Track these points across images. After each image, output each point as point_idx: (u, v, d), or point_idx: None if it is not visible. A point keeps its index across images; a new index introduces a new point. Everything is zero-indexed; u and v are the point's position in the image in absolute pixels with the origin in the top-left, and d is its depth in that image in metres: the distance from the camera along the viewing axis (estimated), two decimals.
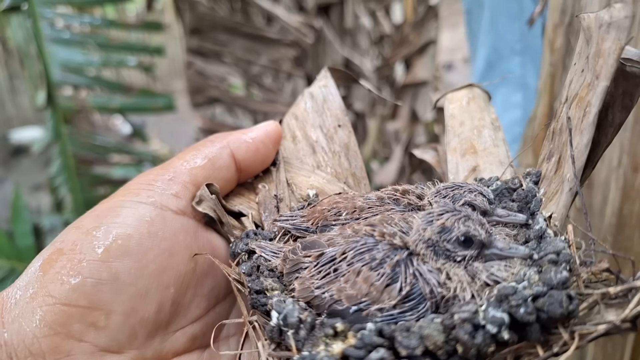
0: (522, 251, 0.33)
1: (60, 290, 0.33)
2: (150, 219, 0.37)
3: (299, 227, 0.42)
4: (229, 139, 0.45)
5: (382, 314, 0.31)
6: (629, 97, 0.38)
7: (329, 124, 0.52)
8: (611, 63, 0.36)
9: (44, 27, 1.47)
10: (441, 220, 0.33)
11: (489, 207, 0.38)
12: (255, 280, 0.37)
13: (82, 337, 0.33)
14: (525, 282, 0.30)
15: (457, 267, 0.33)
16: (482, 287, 0.32)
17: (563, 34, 0.72)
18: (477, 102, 0.52)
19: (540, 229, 0.36)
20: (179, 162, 0.42)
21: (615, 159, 0.70)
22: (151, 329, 0.36)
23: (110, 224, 0.36)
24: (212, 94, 1.61)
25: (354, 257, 0.34)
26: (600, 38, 0.37)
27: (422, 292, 0.32)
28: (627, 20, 0.37)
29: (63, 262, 0.34)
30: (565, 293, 0.29)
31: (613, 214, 0.72)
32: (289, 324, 0.31)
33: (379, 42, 2.13)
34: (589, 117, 0.36)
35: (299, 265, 0.36)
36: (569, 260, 0.31)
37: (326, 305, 0.33)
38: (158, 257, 0.37)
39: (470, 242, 0.33)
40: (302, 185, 0.49)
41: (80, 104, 1.49)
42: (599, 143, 0.40)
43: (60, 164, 1.51)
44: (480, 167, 0.47)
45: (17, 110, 4.75)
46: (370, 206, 0.40)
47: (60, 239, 0.36)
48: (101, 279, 0.34)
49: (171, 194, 0.40)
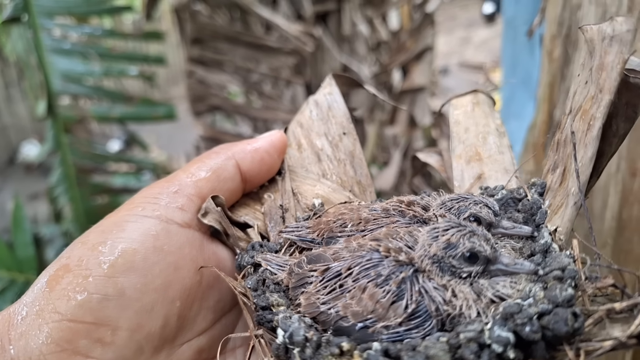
0: (528, 267, 0.33)
1: (66, 306, 0.33)
2: (155, 233, 0.37)
3: (305, 238, 0.42)
4: (233, 150, 0.45)
5: (388, 332, 0.31)
6: (632, 107, 0.38)
7: (334, 131, 0.51)
8: (614, 77, 0.36)
9: (44, 37, 1.48)
10: (446, 236, 0.33)
11: (494, 220, 0.38)
12: (261, 296, 0.37)
13: (89, 353, 0.33)
14: (530, 300, 0.30)
15: (463, 283, 0.33)
16: (488, 304, 0.32)
17: (561, 44, 0.74)
18: (482, 107, 0.51)
19: (545, 244, 0.36)
20: (184, 174, 0.42)
21: (613, 165, 0.71)
22: (157, 343, 0.36)
23: (115, 239, 0.36)
24: (213, 102, 1.62)
25: (360, 273, 0.34)
26: (603, 51, 0.38)
27: (427, 309, 0.32)
28: (629, 34, 0.37)
29: (69, 278, 0.34)
30: (571, 311, 0.29)
31: (613, 218, 0.73)
32: (295, 342, 0.31)
33: (376, 49, 2.15)
34: (592, 131, 0.36)
35: (305, 279, 0.36)
36: (574, 276, 0.31)
37: (332, 322, 0.33)
38: (164, 272, 0.37)
39: (475, 258, 0.33)
40: (307, 195, 0.48)
41: (80, 113, 1.49)
42: (603, 153, 0.40)
43: (60, 174, 1.51)
44: (486, 174, 0.47)
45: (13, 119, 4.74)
46: (376, 218, 0.40)
47: (67, 255, 0.36)
48: (107, 294, 0.34)
49: (176, 207, 0.40)
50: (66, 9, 1.50)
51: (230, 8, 1.75)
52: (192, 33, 1.55)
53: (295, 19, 1.80)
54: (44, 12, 1.49)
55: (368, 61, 2.12)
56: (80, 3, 1.50)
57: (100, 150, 1.61)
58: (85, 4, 1.48)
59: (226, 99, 1.72)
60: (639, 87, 0.36)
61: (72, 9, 1.50)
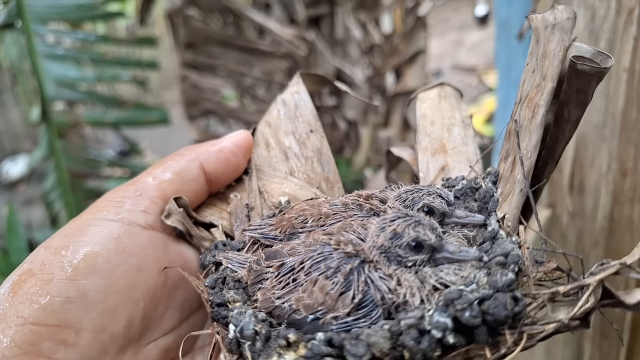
0: (472, 254, 0.33)
1: (29, 310, 0.34)
2: (117, 236, 0.38)
3: (268, 235, 0.42)
4: (198, 152, 0.45)
5: (338, 322, 0.32)
6: (583, 94, 0.38)
7: (301, 129, 0.51)
8: (556, 64, 0.37)
9: (38, 43, 1.48)
10: (393, 226, 0.34)
11: (447, 209, 0.39)
12: (218, 293, 0.38)
13: (52, 355, 0.34)
14: (473, 285, 0.31)
15: (408, 272, 0.33)
16: (432, 291, 0.32)
17: None
18: (449, 100, 0.51)
19: (492, 231, 0.36)
20: (147, 177, 0.43)
21: (604, 165, 0.72)
22: (122, 343, 0.37)
23: (78, 242, 0.37)
24: (206, 106, 1.63)
25: (311, 267, 0.34)
26: (546, 39, 0.38)
27: (373, 299, 0.32)
28: (569, 21, 0.38)
29: (32, 282, 0.35)
30: (511, 295, 0.29)
31: (604, 218, 0.74)
32: (246, 336, 0.33)
33: (369, 52, 2.16)
34: (536, 119, 0.36)
35: (262, 275, 0.37)
36: (517, 261, 0.31)
37: (286, 315, 0.34)
38: (126, 274, 0.37)
39: (420, 247, 0.33)
40: (274, 193, 0.49)
41: (74, 118, 1.49)
42: (557, 139, 0.40)
43: (54, 179, 1.51)
44: (450, 165, 0.47)
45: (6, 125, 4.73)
46: (335, 212, 0.41)
47: (30, 260, 0.37)
48: (70, 297, 0.35)
49: (139, 209, 0.40)
50: (59, 15, 1.50)
51: (223, 13, 1.76)
52: (185, 38, 1.56)
53: (288, 23, 1.82)
54: (38, 18, 1.50)
55: (361, 64, 2.14)
56: (74, 9, 1.50)
57: (94, 155, 1.62)
58: (79, 10, 1.48)
59: (220, 103, 1.73)
60: (587, 74, 0.36)
61: (65, 15, 1.51)
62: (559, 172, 0.81)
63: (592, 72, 0.36)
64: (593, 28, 0.67)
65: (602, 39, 0.66)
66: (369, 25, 2.09)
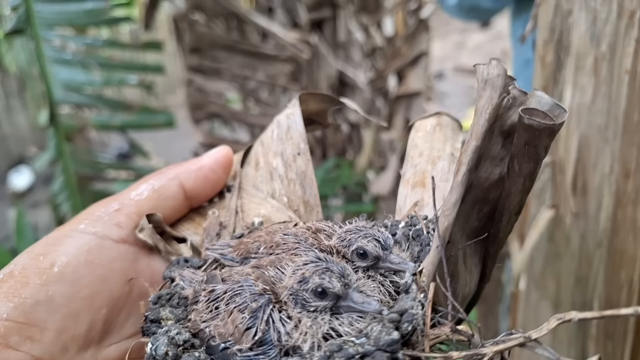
0: (373, 307, 0.34)
1: (4, 308, 0.39)
2: (88, 248, 0.42)
3: (226, 257, 0.44)
4: (178, 170, 0.48)
5: (241, 355, 0.34)
6: (534, 147, 0.37)
7: (289, 152, 0.52)
8: (482, 122, 0.36)
9: (46, 48, 1.50)
10: (302, 270, 0.36)
11: (381, 254, 0.38)
12: (155, 310, 0.40)
13: (19, 348, 0.38)
14: (363, 339, 0.32)
15: (308, 317, 0.35)
16: (323, 339, 0.34)
17: (553, 50, 0.76)
18: (444, 131, 0.50)
19: (405, 284, 0.36)
20: (128, 193, 0.47)
21: (607, 167, 0.73)
22: (82, 343, 0.41)
23: (54, 252, 0.41)
24: (211, 109, 1.65)
25: (231, 298, 0.37)
26: (479, 94, 0.38)
27: (271, 339, 0.34)
28: (499, 78, 0.37)
29: (11, 284, 0.40)
30: (389, 356, 0.30)
31: (607, 219, 0.75)
32: (158, 355, 0.36)
33: (371, 55, 2.18)
34: (458, 177, 0.36)
35: (198, 297, 0.40)
36: (412, 320, 0.32)
37: (206, 339, 0.37)
38: (92, 283, 0.41)
39: (325, 294, 0.34)
40: (250, 213, 0.49)
41: (82, 122, 1.51)
42: (510, 192, 0.39)
43: (62, 182, 1.53)
44: (424, 201, 0.46)
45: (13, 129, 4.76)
46: (285, 242, 0.41)
47: (14, 262, 0.42)
48: (39, 300, 0.39)
49: (114, 224, 0.44)
50: (67, 20, 1.53)
51: (228, 17, 1.78)
52: (190, 42, 1.58)
53: (291, 26, 1.84)
54: (46, 24, 1.52)
55: (363, 67, 2.16)
56: (81, 14, 1.52)
57: (100, 158, 1.64)
58: (86, 16, 1.51)
59: (224, 106, 1.75)
60: (534, 128, 0.35)
61: (73, 20, 1.53)
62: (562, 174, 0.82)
63: (540, 127, 0.35)
64: (595, 31, 0.68)
65: (604, 42, 0.68)
66: (371, 28, 2.10)
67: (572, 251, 0.83)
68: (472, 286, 0.44)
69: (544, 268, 0.90)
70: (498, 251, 0.43)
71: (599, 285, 0.79)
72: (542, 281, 0.90)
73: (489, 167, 0.40)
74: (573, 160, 0.79)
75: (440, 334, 0.32)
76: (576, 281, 0.83)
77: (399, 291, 0.38)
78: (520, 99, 0.38)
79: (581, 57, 0.73)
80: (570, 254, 0.83)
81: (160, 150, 3.85)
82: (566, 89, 0.76)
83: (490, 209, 0.41)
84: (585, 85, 0.73)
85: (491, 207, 0.41)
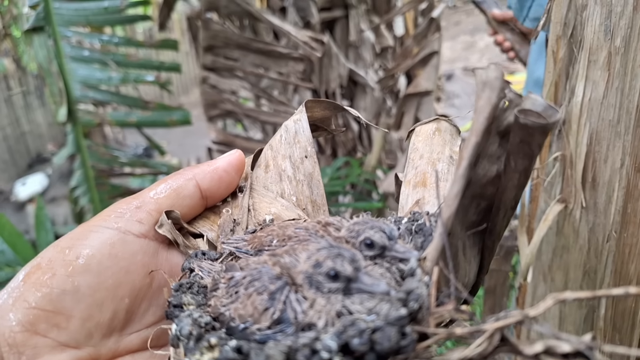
0: (382, 288, 0.36)
1: (33, 297, 0.41)
2: (112, 242, 0.44)
3: (241, 250, 0.47)
4: (195, 172, 0.51)
5: (260, 333, 0.37)
6: (527, 145, 0.39)
7: (297, 155, 0.55)
8: (481, 121, 0.38)
9: (64, 46, 1.54)
10: (316, 255, 0.38)
11: (387, 243, 0.41)
12: (177, 296, 0.42)
13: (47, 334, 0.40)
14: (373, 316, 0.34)
15: (322, 297, 0.37)
16: (336, 317, 0.36)
17: (566, 45, 0.77)
18: (443, 135, 0.53)
19: (411, 268, 0.38)
20: (148, 192, 0.49)
21: (618, 161, 0.74)
22: (106, 331, 0.43)
23: (79, 245, 0.43)
24: (225, 107, 1.67)
25: (249, 283, 0.39)
26: (477, 95, 0.40)
27: (289, 317, 0.36)
28: (497, 80, 0.39)
29: (38, 275, 0.42)
30: (397, 330, 0.32)
31: (617, 213, 0.75)
32: (183, 335, 0.37)
33: (382, 54, 2.19)
34: (459, 170, 0.38)
35: (217, 285, 0.42)
36: (417, 299, 0.34)
37: (226, 322, 0.39)
38: (115, 274, 0.43)
39: (337, 277, 0.37)
40: (261, 211, 0.52)
41: (99, 118, 1.55)
42: (506, 187, 0.42)
43: (80, 176, 1.57)
44: (425, 199, 0.49)
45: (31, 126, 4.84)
46: (297, 235, 0.44)
47: (41, 255, 0.43)
48: (65, 290, 0.41)
49: (136, 220, 0.46)
50: (85, 18, 1.56)
51: (241, 16, 1.81)
52: (204, 41, 1.61)
53: (303, 26, 1.86)
54: (64, 22, 1.56)
55: (374, 66, 2.17)
56: (99, 12, 1.56)
57: (118, 153, 1.67)
58: (104, 14, 1.54)
59: (238, 104, 1.77)
60: (528, 127, 0.38)
61: (91, 18, 1.57)
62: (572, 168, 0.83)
63: (533, 127, 0.38)
64: (609, 25, 0.69)
65: (619, 36, 0.69)
66: (382, 28, 2.12)
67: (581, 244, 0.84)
68: (472, 276, 0.47)
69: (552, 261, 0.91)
70: (496, 244, 0.47)
71: (608, 278, 0.80)
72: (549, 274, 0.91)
73: (486, 164, 0.43)
74: (583, 154, 0.79)
75: (444, 312, 0.34)
76: (584, 274, 0.84)
77: (404, 277, 0.40)
78: (515, 102, 0.41)
79: (594, 51, 0.73)
80: (578, 247, 0.84)
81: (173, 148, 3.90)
82: (578, 84, 0.77)
83: (487, 204, 0.45)
84: (597, 80, 0.74)
85: (488, 202, 0.44)
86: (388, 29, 2.16)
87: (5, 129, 4.51)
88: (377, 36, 2.12)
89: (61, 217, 2.41)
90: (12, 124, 4.64)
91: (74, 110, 1.55)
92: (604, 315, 0.79)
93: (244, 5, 1.59)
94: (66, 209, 2.48)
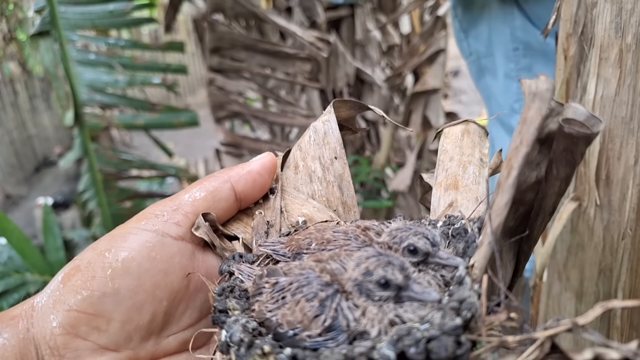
0: (433, 296, 0.36)
1: (73, 299, 0.41)
2: (151, 245, 0.44)
3: (278, 252, 0.46)
4: (230, 174, 0.51)
5: (310, 340, 0.36)
6: (570, 153, 0.40)
7: (327, 156, 0.55)
8: (532, 131, 0.39)
9: (70, 49, 1.54)
10: (366, 263, 0.38)
11: (431, 250, 0.41)
12: (222, 300, 0.42)
13: (87, 337, 0.40)
14: (427, 325, 0.33)
15: (373, 305, 0.36)
16: (389, 325, 0.35)
17: (577, 42, 0.76)
18: (472, 137, 0.53)
19: (459, 276, 0.38)
20: (185, 194, 0.49)
21: (631, 158, 0.73)
22: (145, 334, 0.43)
23: (118, 247, 0.43)
24: (233, 108, 1.67)
25: (297, 289, 0.38)
26: (527, 106, 0.40)
27: (340, 325, 0.36)
28: (548, 92, 0.40)
29: (78, 277, 0.42)
30: (454, 339, 0.31)
31: (632, 210, 0.74)
32: (234, 341, 0.37)
33: (388, 52, 2.18)
34: (509, 179, 0.38)
35: (261, 289, 0.41)
36: (470, 308, 0.34)
37: (273, 327, 0.38)
38: (154, 277, 0.43)
39: (387, 285, 0.37)
40: (294, 213, 0.52)
41: (106, 121, 1.55)
42: (547, 194, 0.42)
43: (88, 179, 1.57)
44: (458, 202, 0.49)
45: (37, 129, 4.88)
46: (336, 239, 0.44)
47: (80, 257, 0.43)
48: (105, 292, 0.41)
49: (173, 222, 0.46)
50: (91, 22, 1.56)
51: (247, 17, 1.80)
52: (211, 42, 1.60)
53: (309, 26, 1.85)
54: (70, 26, 1.56)
55: (381, 65, 2.16)
56: (104, 16, 1.56)
57: (125, 156, 1.67)
58: (109, 17, 1.54)
59: (245, 105, 1.77)
60: (572, 136, 0.39)
61: (96, 22, 1.57)
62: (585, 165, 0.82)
63: (578, 136, 0.39)
64: (620, 22, 0.68)
65: (629, 33, 0.68)
66: (388, 26, 2.10)
67: (596, 242, 0.83)
68: (507, 280, 0.46)
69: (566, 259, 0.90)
70: (531, 248, 0.46)
71: (624, 276, 0.78)
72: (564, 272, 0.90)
73: (526, 171, 0.43)
74: (597, 152, 0.78)
75: (496, 321, 0.34)
76: (600, 272, 0.82)
77: (447, 284, 0.40)
78: (557, 110, 0.41)
79: (605, 48, 0.72)
80: (593, 245, 0.83)
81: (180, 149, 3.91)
82: (590, 81, 0.76)
83: (525, 210, 0.44)
84: (609, 77, 0.73)
85: (527, 207, 0.44)
86: (394, 27, 2.15)
87: (12, 133, 4.54)
88: (383, 34, 2.11)
89: (67, 221, 2.42)
90: (18, 128, 4.68)
91: (80, 114, 1.55)
92: (621, 313, 0.78)
93: (250, 7, 1.58)
94: (73, 215, 2.50)
